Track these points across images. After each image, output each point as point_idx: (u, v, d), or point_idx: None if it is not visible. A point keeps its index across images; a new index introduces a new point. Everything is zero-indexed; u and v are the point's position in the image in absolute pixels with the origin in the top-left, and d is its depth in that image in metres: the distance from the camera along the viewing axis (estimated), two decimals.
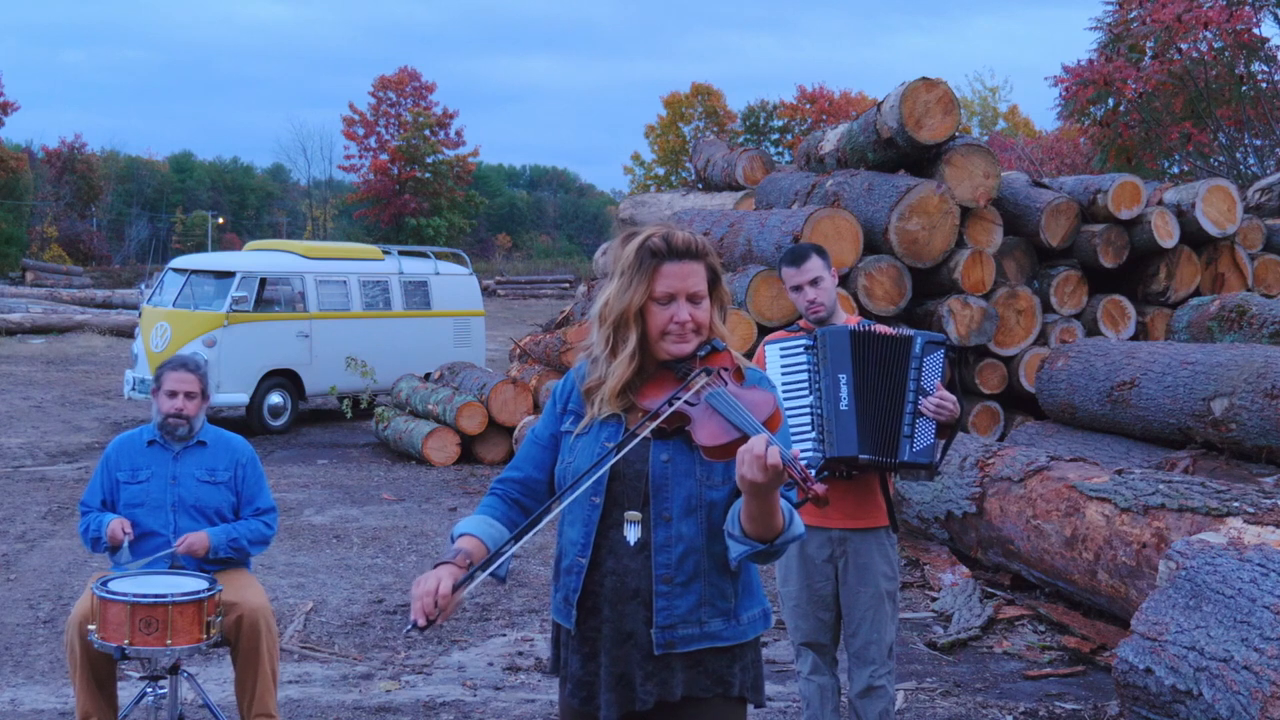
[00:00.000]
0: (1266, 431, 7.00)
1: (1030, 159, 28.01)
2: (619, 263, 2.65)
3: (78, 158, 57.28)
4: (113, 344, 24.21)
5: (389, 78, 59.23)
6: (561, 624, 2.72)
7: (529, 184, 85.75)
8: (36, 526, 8.77)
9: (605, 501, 2.63)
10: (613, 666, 2.62)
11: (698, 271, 2.63)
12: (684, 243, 2.62)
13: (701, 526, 2.61)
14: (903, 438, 3.95)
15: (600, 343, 2.68)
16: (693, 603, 2.61)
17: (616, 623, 2.62)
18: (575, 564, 2.66)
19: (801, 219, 9.50)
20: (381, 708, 5.23)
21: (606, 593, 2.63)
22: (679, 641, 2.60)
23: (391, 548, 8.33)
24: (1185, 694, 3.95)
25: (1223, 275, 10.51)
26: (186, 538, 4.42)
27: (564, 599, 2.69)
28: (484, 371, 12.96)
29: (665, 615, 2.60)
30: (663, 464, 2.61)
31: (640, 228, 2.70)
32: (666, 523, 2.60)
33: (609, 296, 2.65)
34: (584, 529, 2.65)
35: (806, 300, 4.12)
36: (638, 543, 2.61)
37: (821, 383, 3.99)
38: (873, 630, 4.07)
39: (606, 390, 2.66)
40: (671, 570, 2.60)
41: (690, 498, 2.60)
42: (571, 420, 2.74)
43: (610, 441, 2.64)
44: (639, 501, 2.62)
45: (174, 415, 4.52)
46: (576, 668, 2.68)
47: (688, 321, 2.61)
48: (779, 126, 58.05)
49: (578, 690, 2.68)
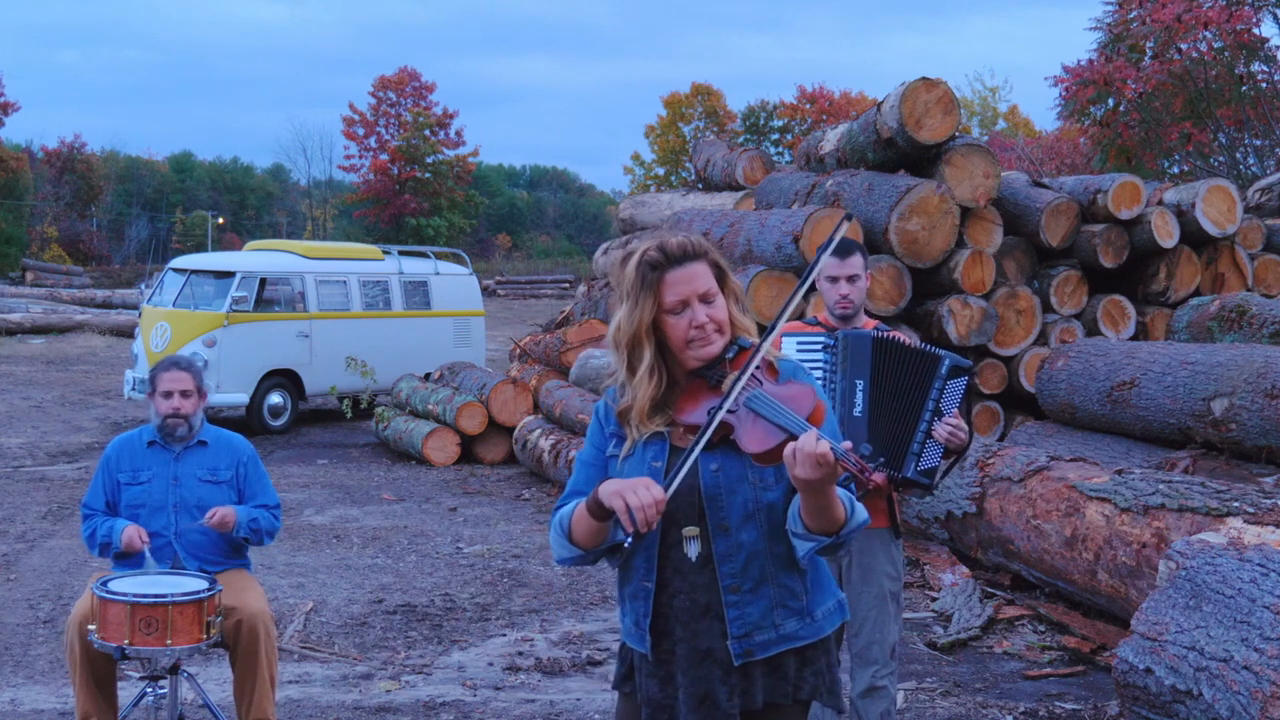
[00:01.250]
0: (1266, 431, 7.00)
1: (1030, 159, 27.99)
2: (622, 286, 2.62)
3: (78, 158, 57.25)
4: (113, 344, 24.21)
5: (389, 78, 59.21)
6: (635, 648, 2.68)
7: (529, 184, 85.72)
8: (36, 526, 8.77)
9: (662, 521, 2.58)
10: (692, 687, 2.59)
11: (702, 272, 2.59)
12: (679, 247, 2.59)
13: (762, 530, 2.58)
14: (910, 454, 3.94)
15: (622, 368, 2.65)
16: (764, 607, 2.58)
17: (691, 642, 2.59)
18: (641, 588, 2.63)
19: (801, 219, 9.50)
20: (381, 708, 5.23)
21: (677, 612, 2.60)
22: (757, 648, 2.57)
23: (391, 548, 8.33)
24: (1185, 694, 3.95)
25: (1223, 275, 10.51)
26: (217, 510, 4.42)
27: (634, 623, 2.66)
28: (484, 371, 12.96)
29: (739, 625, 2.57)
30: (713, 474, 2.58)
31: (633, 247, 2.67)
32: (725, 533, 2.57)
33: (619, 321, 2.62)
34: (645, 552, 2.61)
35: (840, 294, 4.09)
36: (699, 557, 2.58)
37: (838, 385, 3.97)
38: (875, 630, 4.07)
39: (636, 411, 2.62)
40: (737, 579, 2.57)
41: (747, 503, 2.57)
42: (615, 444, 2.70)
43: (656, 461, 2.61)
44: (694, 516, 2.59)
45: (172, 415, 4.52)
46: (654, 691, 2.64)
47: (706, 323, 2.57)
48: (779, 126, 58.05)
49: (658, 714, 2.63)
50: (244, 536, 4.53)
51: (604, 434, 2.73)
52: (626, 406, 2.66)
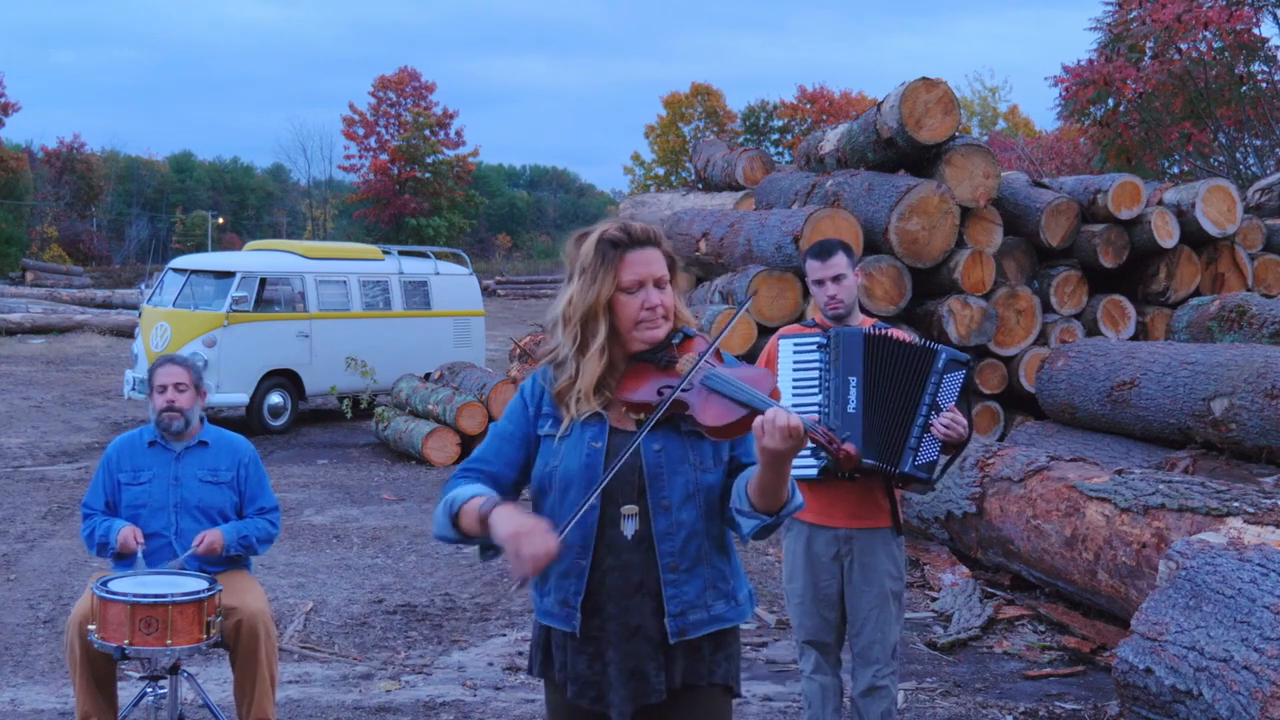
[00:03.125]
0: (1266, 431, 7.00)
1: (1030, 159, 28.00)
2: (577, 261, 2.67)
3: (77, 158, 57.25)
4: (113, 344, 24.21)
5: (389, 78, 59.21)
6: (557, 627, 2.69)
7: (529, 184, 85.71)
8: (36, 526, 8.77)
9: (600, 498, 2.61)
10: (623, 662, 2.62)
11: (658, 257, 2.66)
12: (642, 231, 2.67)
13: (700, 511, 2.63)
14: (907, 448, 3.92)
15: (568, 342, 2.66)
16: (699, 587, 2.64)
17: (622, 618, 2.62)
18: (575, 566, 2.64)
19: (801, 219, 9.50)
20: (381, 708, 5.23)
21: (609, 589, 2.62)
22: (690, 627, 2.63)
23: (391, 548, 8.33)
24: (1185, 694, 3.95)
25: (1223, 275, 10.51)
26: (205, 536, 4.40)
27: (561, 602, 2.67)
28: (484, 371, 12.96)
29: (676, 603, 2.62)
30: (655, 454, 2.62)
31: (591, 227, 2.72)
32: (666, 511, 2.61)
33: (572, 295, 2.66)
34: (580, 531, 2.62)
35: (827, 295, 4.10)
36: (635, 535, 2.62)
37: (831, 383, 3.96)
38: (877, 630, 4.07)
39: (582, 387, 2.64)
40: (676, 558, 2.62)
41: (687, 484, 2.62)
42: (550, 424, 2.71)
43: (596, 441, 2.63)
44: (633, 494, 2.62)
45: (167, 409, 4.52)
46: (582, 668, 2.66)
47: (659, 306, 2.63)
48: (779, 126, 58.06)
49: (585, 690, 2.66)
50: (235, 553, 4.52)
51: (528, 413, 2.75)
52: (566, 386, 2.68)
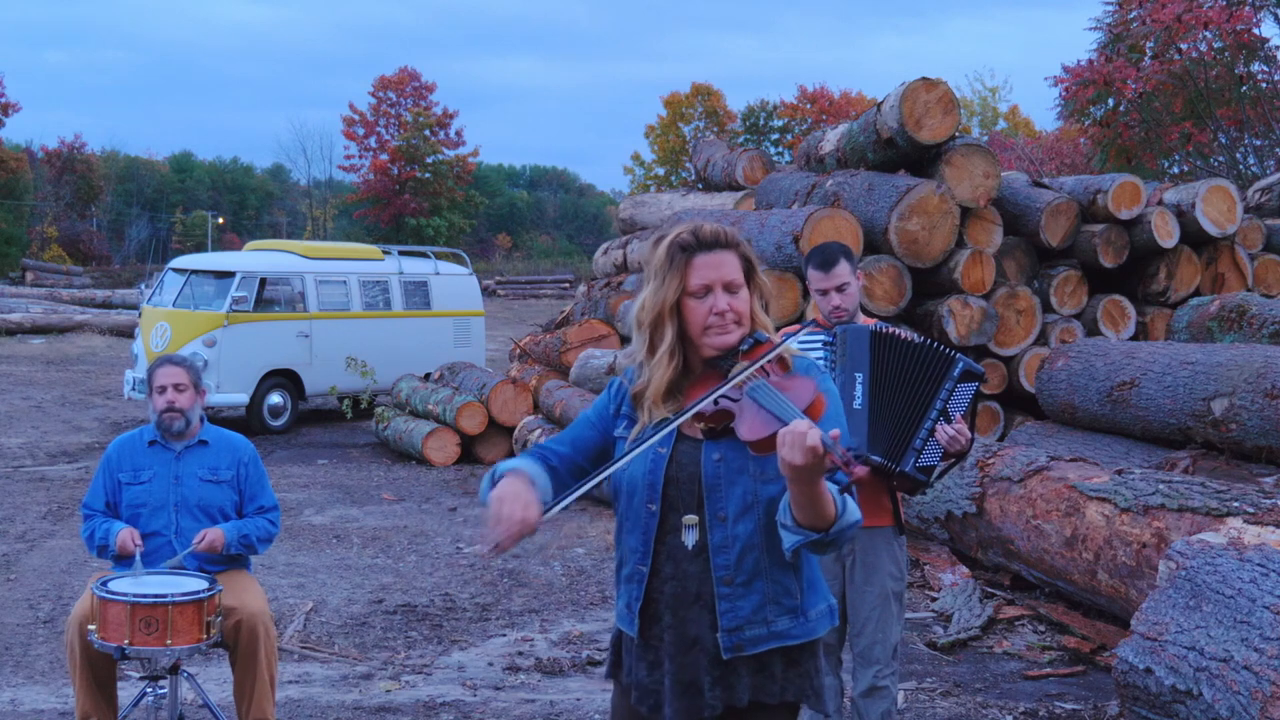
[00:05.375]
0: (1266, 431, 7.00)
1: (1030, 159, 28.00)
2: (650, 265, 2.62)
3: (77, 158, 57.25)
4: (113, 344, 24.20)
5: (389, 78, 59.21)
6: (625, 630, 2.69)
7: (529, 184, 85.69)
8: (36, 526, 8.77)
9: (661, 507, 2.59)
10: (679, 674, 2.59)
11: (730, 261, 2.59)
12: (712, 233, 2.59)
13: (759, 524, 2.56)
14: (912, 449, 3.93)
15: (641, 347, 2.64)
16: (757, 602, 2.57)
17: (679, 629, 2.59)
18: (636, 571, 2.63)
19: (801, 219, 9.50)
20: (381, 708, 5.23)
21: (667, 599, 2.60)
22: (747, 643, 2.56)
23: (391, 548, 8.33)
24: (1185, 694, 3.95)
25: (1223, 275, 10.51)
26: (206, 534, 4.40)
27: (626, 606, 2.67)
28: (484, 371, 12.96)
29: (730, 618, 2.56)
30: (715, 464, 2.57)
31: (667, 229, 2.66)
32: (723, 523, 2.56)
33: (644, 299, 2.62)
34: (642, 536, 2.62)
35: (831, 305, 4.10)
36: (695, 545, 2.58)
37: (838, 379, 3.97)
38: (878, 630, 4.07)
39: (651, 392, 2.61)
40: (731, 571, 2.56)
41: (746, 495, 2.56)
42: (625, 425, 2.70)
43: (663, 447, 2.61)
44: (694, 504, 2.58)
45: (167, 410, 4.51)
46: (642, 675, 2.65)
47: (727, 311, 2.56)
48: (779, 126, 58.06)
49: (644, 698, 2.64)
50: (236, 552, 4.52)
51: (609, 410, 2.74)
52: (641, 388, 2.65)
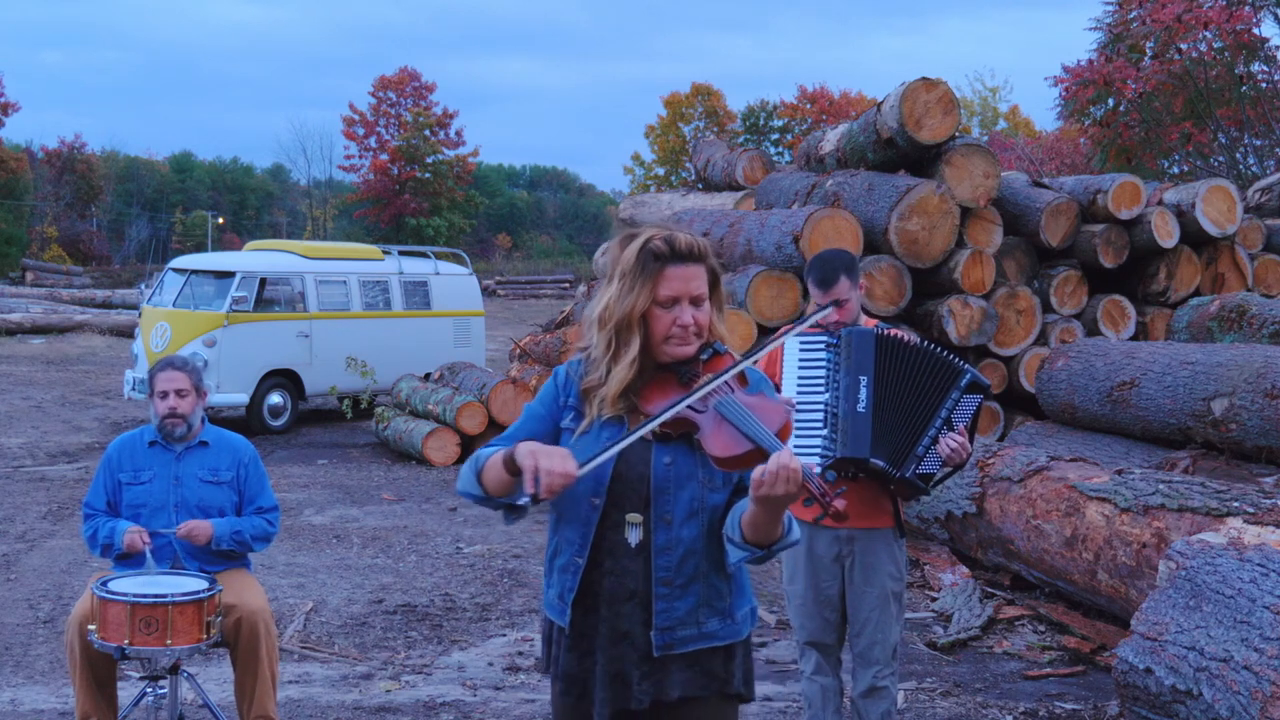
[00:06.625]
0: (1266, 431, 7.00)
1: (1030, 159, 28.00)
2: (619, 265, 2.63)
3: (77, 158, 57.23)
4: (113, 344, 24.20)
5: (389, 78, 59.19)
6: (555, 620, 2.71)
7: (529, 184, 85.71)
8: (36, 526, 8.77)
9: (605, 503, 2.62)
10: (608, 665, 2.63)
11: (700, 274, 2.62)
12: (687, 245, 2.61)
13: (702, 529, 2.61)
14: (914, 455, 3.93)
15: (601, 346, 2.65)
16: (691, 604, 2.62)
17: (613, 622, 2.63)
18: (572, 562, 2.66)
19: (801, 219, 9.50)
20: (381, 708, 5.23)
21: (604, 592, 2.63)
22: (678, 643, 2.61)
23: (391, 548, 8.33)
24: (1185, 694, 3.95)
25: (1223, 275, 10.51)
26: (187, 523, 4.41)
27: (559, 596, 2.69)
28: (484, 371, 12.96)
29: (664, 617, 2.60)
30: (665, 467, 2.61)
31: (639, 229, 2.67)
32: (668, 525, 2.60)
33: (609, 300, 2.63)
34: (582, 529, 2.64)
35: (831, 320, 4.10)
36: (638, 544, 2.61)
37: (841, 381, 3.97)
38: (878, 631, 4.07)
39: (607, 393, 2.63)
40: (671, 573, 2.60)
41: (693, 500, 2.61)
42: (572, 417, 2.71)
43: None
44: (639, 504, 2.61)
45: (170, 416, 4.52)
46: (571, 664, 2.68)
47: (690, 325, 2.60)
48: (779, 126, 58.05)
49: (571, 686, 2.68)
50: (227, 548, 4.51)
51: (558, 402, 2.75)
52: (593, 385, 2.67)
